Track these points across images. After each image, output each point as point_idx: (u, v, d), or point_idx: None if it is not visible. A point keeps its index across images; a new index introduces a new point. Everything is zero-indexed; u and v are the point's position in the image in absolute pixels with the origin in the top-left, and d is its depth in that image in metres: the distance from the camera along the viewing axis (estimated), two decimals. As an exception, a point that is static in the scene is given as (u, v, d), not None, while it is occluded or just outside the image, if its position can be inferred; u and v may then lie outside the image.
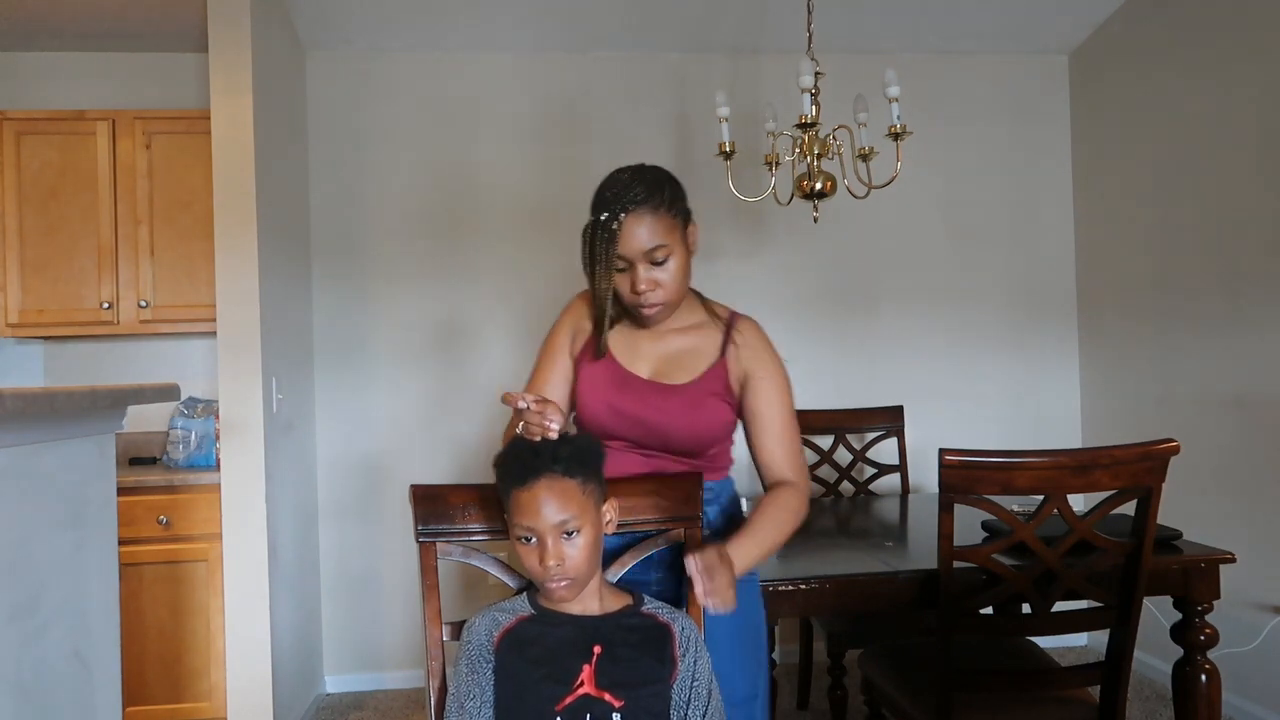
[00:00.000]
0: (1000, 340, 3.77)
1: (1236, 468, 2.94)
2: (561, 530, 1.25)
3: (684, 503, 1.48)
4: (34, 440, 1.43)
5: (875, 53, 3.63)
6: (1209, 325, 3.06)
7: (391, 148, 3.54)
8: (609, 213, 1.51)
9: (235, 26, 2.75)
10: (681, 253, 1.51)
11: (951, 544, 1.77)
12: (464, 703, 1.26)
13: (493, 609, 1.34)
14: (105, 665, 1.65)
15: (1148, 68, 3.34)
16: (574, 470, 1.27)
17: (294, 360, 3.18)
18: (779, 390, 1.55)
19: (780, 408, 1.55)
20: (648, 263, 1.49)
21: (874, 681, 2.26)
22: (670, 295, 1.51)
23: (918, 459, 3.39)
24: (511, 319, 3.57)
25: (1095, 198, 3.68)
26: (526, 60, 3.59)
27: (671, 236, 1.49)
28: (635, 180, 1.51)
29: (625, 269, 1.51)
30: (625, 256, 1.50)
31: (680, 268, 1.50)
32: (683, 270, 1.51)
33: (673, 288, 1.50)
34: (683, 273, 1.51)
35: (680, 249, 1.50)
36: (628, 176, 1.53)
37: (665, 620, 1.34)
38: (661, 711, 1.26)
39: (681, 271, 1.51)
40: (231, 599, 2.72)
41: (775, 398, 1.54)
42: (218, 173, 2.75)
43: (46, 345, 3.42)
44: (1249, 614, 2.87)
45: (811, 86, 2.50)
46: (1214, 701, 2.01)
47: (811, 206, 2.67)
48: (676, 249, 1.49)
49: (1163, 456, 1.73)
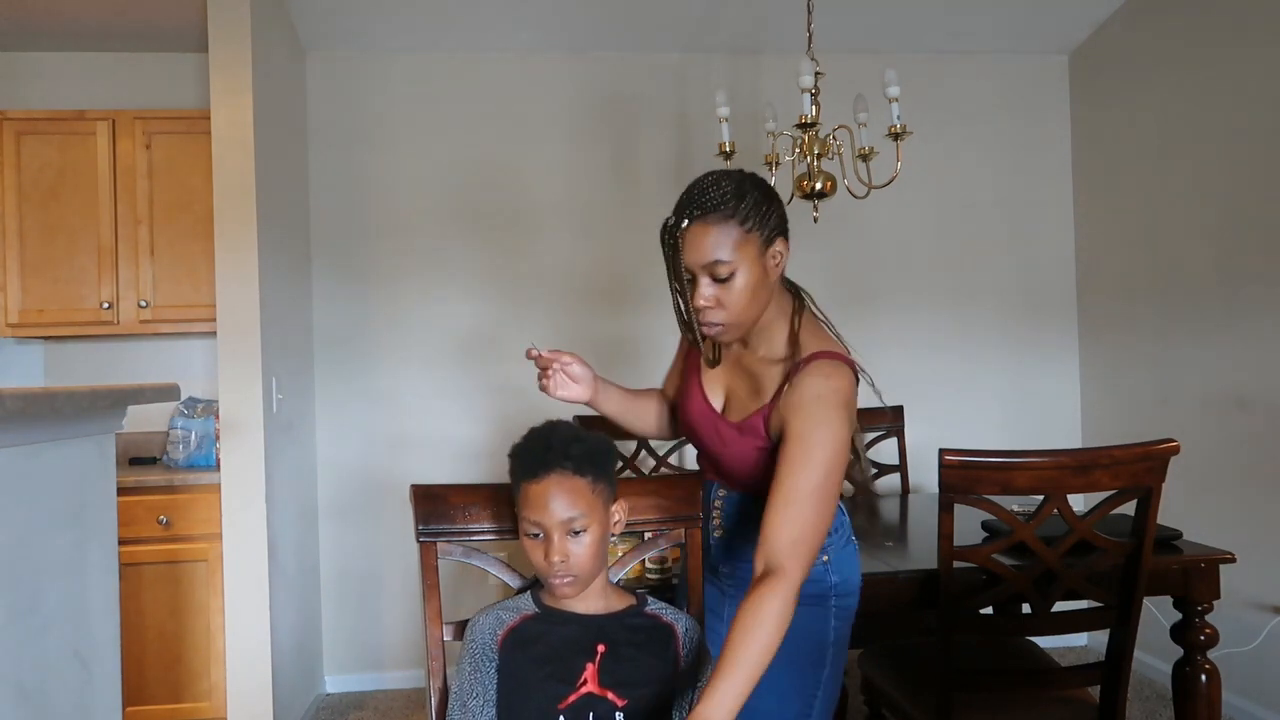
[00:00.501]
0: (1000, 340, 3.77)
1: (1236, 468, 2.94)
2: (569, 528, 1.25)
3: (684, 503, 1.49)
4: (34, 440, 1.43)
5: (875, 53, 3.63)
6: (1209, 325, 3.06)
7: (391, 148, 3.54)
8: (676, 217, 1.37)
9: (235, 26, 2.75)
10: (752, 271, 1.34)
11: (951, 544, 1.77)
12: (466, 701, 1.26)
13: (496, 607, 1.34)
14: (105, 665, 1.65)
15: (1148, 68, 3.34)
16: (585, 469, 1.27)
17: (294, 360, 3.18)
18: (801, 452, 1.30)
19: (792, 473, 1.29)
20: (709, 277, 1.35)
21: (874, 681, 2.26)
22: (733, 317, 1.37)
23: (918, 459, 3.39)
24: (513, 318, 3.56)
25: (1095, 198, 3.68)
26: (526, 60, 3.59)
27: (741, 252, 1.33)
28: (713, 185, 1.35)
29: (691, 279, 1.37)
30: (688, 267, 1.37)
31: (748, 288, 1.34)
32: (752, 291, 1.35)
33: (737, 309, 1.36)
34: (751, 294, 1.35)
35: (751, 267, 1.34)
36: (710, 179, 1.37)
37: (669, 620, 1.34)
38: (664, 711, 1.27)
39: (750, 292, 1.35)
40: (231, 599, 2.72)
41: (791, 459, 1.30)
42: (218, 173, 2.75)
43: (46, 345, 3.42)
44: (1249, 614, 2.86)
45: (811, 86, 2.50)
46: (1214, 701, 2.01)
47: (811, 206, 2.67)
48: (745, 266, 1.34)
49: (1163, 456, 1.73)
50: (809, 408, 1.32)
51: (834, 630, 1.46)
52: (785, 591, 1.22)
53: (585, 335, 3.56)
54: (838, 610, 1.45)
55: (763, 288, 1.37)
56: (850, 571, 1.48)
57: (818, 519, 1.29)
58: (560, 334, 3.55)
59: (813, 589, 1.42)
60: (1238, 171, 2.93)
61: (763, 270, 1.36)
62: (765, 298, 1.39)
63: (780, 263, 1.39)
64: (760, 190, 1.37)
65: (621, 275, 3.56)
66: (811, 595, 1.42)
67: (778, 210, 1.39)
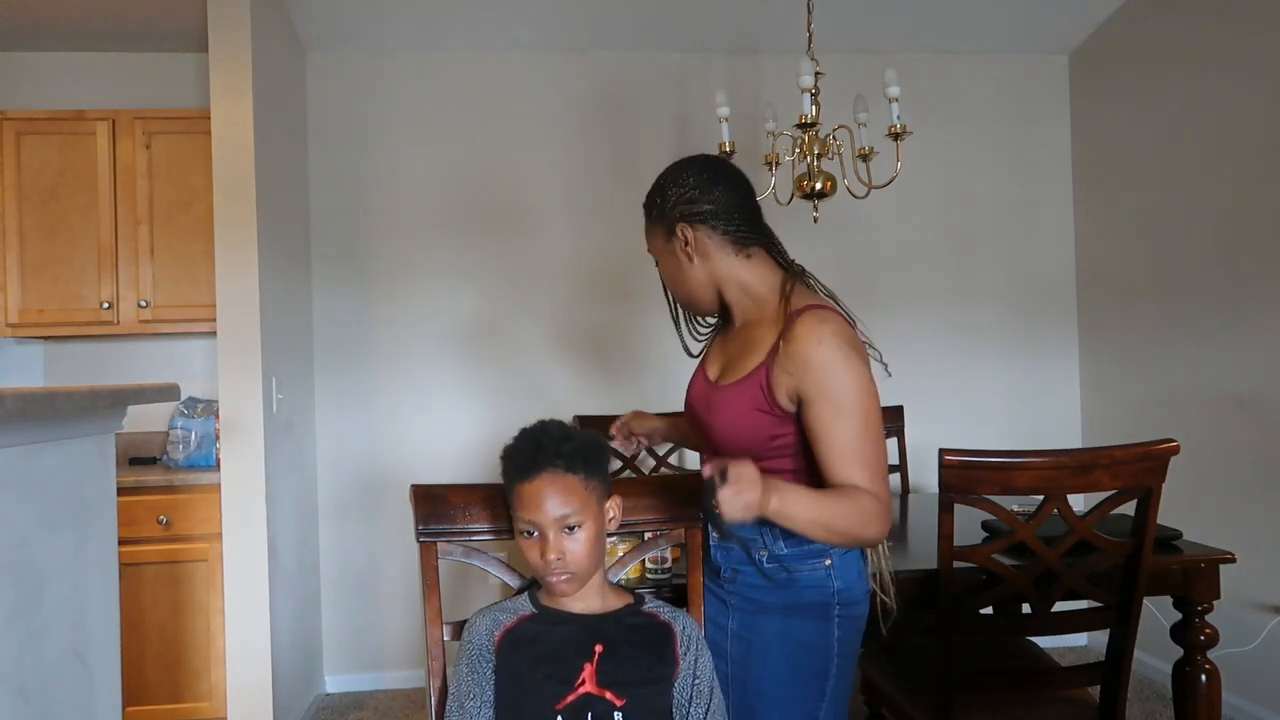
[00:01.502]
0: (1000, 340, 3.77)
1: (1236, 468, 2.94)
2: (563, 524, 1.25)
3: (684, 503, 1.48)
4: (34, 440, 1.43)
5: (875, 53, 3.63)
6: (1209, 325, 3.06)
7: (391, 147, 3.54)
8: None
9: (235, 26, 2.75)
10: (664, 258, 1.53)
11: (951, 544, 1.77)
12: (464, 702, 1.26)
13: (494, 608, 1.34)
14: (105, 665, 1.65)
15: (1148, 68, 3.34)
16: (576, 466, 1.27)
17: (294, 360, 3.18)
18: (831, 409, 1.32)
19: (829, 431, 1.33)
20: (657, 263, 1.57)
21: (874, 681, 2.26)
22: (677, 292, 1.55)
23: (918, 459, 3.39)
24: (513, 318, 3.57)
25: (1095, 198, 3.68)
26: (526, 60, 3.59)
27: (651, 241, 1.55)
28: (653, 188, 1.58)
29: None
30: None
31: (669, 272, 1.53)
32: (671, 274, 1.53)
33: (674, 287, 1.55)
34: (672, 276, 1.53)
35: (663, 254, 1.53)
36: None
37: (666, 619, 1.34)
38: (663, 710, 1.26)
39: (670, 275, 1.53)
40: (231, 599, 2.72)
41: (823, 418, 1.33)
42: (218, 173, 2.75)
43: (46, 345, 3.42)
44: (1249, 614, 2.87)
45: (811, 86, 2.50)
46: (1214, 701, 2.01)
47: (811, 206, 2.67)
48: (658, 253, 1.54)
49: (1163, 456, 1.73)
50: (816, 361, 1.34)
51: (839, 641, 1.42)
52: (877, 502, 1.31)
53: (585, 334, 3.56)
54: (841, 620, 1.42)
55: (679, 269, 1.51)
56: (854, 579, 1.44)
57: (876, 460, 1.34)
58: (559, 333, 3.56)
59: (814, 597, 1.40)
60: (1238, 171, 2.93)
61: (672, 256, 1.51)
62: (691, 277, 1.50)
63: (692, 244, 1.47)
64: (660, 186, 1.53)
65: (621, 275, 3.56)
66: (814, 605, 1.41)
67: (677, 197, 1.49)
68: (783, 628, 1.41)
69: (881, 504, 1.32)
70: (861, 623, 1.46)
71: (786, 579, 1.41)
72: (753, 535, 1.42)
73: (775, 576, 1.41)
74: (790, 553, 1.40)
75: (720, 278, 1.50)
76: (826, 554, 1.40)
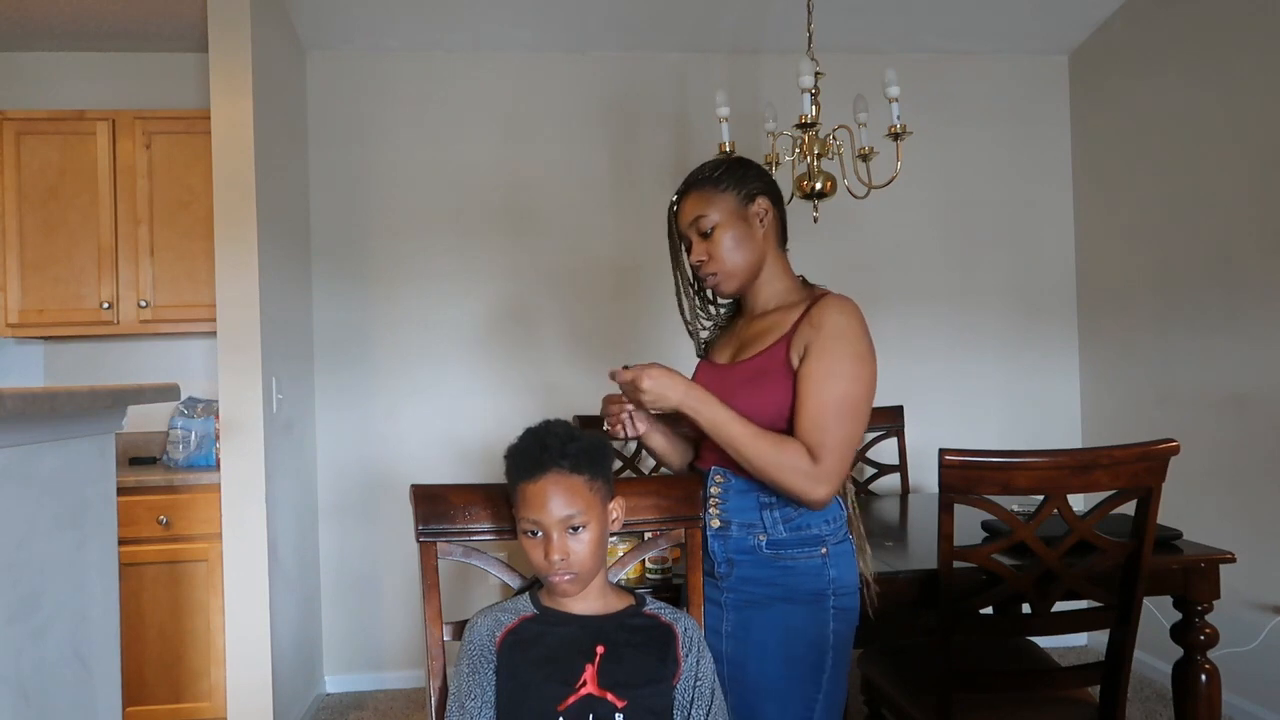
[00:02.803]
0: (1000, 340, 3.77)
1: (1236, 468, 2.95)
2: (567, 525, 1.25)
3: (684, 503, 1.49)
4: (34, 440, 1.43)
5: (875, 53, 3.63)
6: (1209, 325, 3.06)
7: (391, 147, 3.54)
8: (673, 199, 1.60)
9: (235, 26, 2.75)
10: (733, 222, 1.52)
11: (951, 544, 1.77)
12: (464, 702, 1.26)
13: (495, 609, 1.34)
14: (105, 665, 1.65)
15: (1148, 68, 3.34)
16: (581, 467, 1.27)
17: (294, 360, 3.18)
18: (825, 372, 1.40)
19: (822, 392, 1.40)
20: (698, 235, 1.54)
21: (874, 681, 2.26)
22: (725, 266, 1.53)
23: (918, 459, 3.39)
24: (512, 319, 3.57)
25: (1095, 198, 3.68)
26: (526, 60, 3.59)
27: (719, 206, 1.52)
28: (699, 168, 1.58)
29: (689, 246, 1.57)
30: (683, 233, 1.58)
31: (732, 237, 1.52)
32: (735, 240, 1.52)
33: (725, 259, 1.52)
34: (735, 243, 1.52)
35: (731, 219, 1.52)
36: (700, 166, 1.59)
37: (668, 621, 1.34)
38: (664, 711, 1.26)
39: (734, 242, 1.52)
40: (231, 599, 2.72)
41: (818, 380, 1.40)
42: (218, 173, 2.75)
43: (46, 345, 3.42)
44: (1249, 614, 2.87)
45: (811, 86, 2.50)
46: (1214, 701, 2.01)
47: (811, 206, 2.67)
48: (725, 218, 1.52)
49: (1163, 456, 1.73)
50: (834, 330, 1.43)
51: (834, 633, 1.45)
52: (810, 464, 1.38)
53: (585, 334, 3.56)
54: (836, 611, 1.46)
55: (748, 238, 1.53)
56: (847, 569, 1.49)
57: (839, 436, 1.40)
58: (560, 333, 3.56)
59: (811, 585, 1.44)
60: (1237, 171, 2.93)
61: (744, 222, 1.53)
62: (753, 249, 1.54)
63: (766, 218, 1.54)
64: (740, 162, 1.57)
65: (621, 274, 3.56)
66: (810, 593, 1.44)
67: (758, 174, 1.56)
68: (779, 618, 1.44)
69: (817, 469, 1.38)
70: (854, 615, 1.49)
71: (784, 567, 1.44)
72: (753, 520, 1.46)
73: (773, 563, 1.45)
74: (789, 537, 1.45)
75: (768, 259, 1.57)
76: (822, 542, 1.46)
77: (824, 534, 1.46)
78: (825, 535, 1.46)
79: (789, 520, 1.45)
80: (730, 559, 1.48)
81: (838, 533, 1.49)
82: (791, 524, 1.45)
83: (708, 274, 1.55)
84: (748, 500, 1.47)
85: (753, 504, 1.47)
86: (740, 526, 1.47)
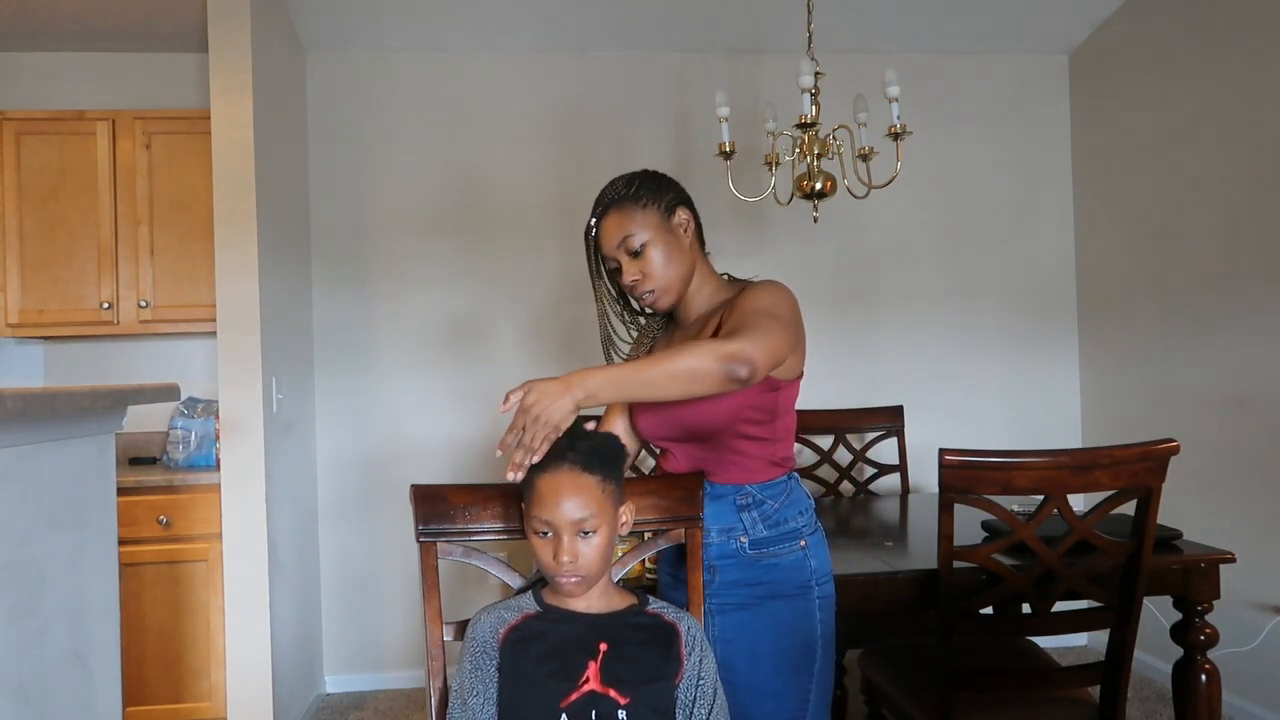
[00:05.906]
0: (1000, 340, 3.77)
1: (1236, 468, 2.95)
2: (579, 528, 1.25)
3: (683, 502, 1.49)
4: (34, 440, 1.43)
5: (875, 53, 3.63)
6: (1209, 325, 3.06)
7: (391, 148, 3.54)
8: (590, 222, 1.56)
9: (235, 26, 2.75)
10: (662, 239, 1.50)
11: (951, 544, 1.77)
12: (467, 699, 1.26)
13: (498, 606, 1.34)
14: (105, 665, 1.65)
15: (1148, 68, 3.34)
16: (593, 466, 1.27)
17: (294, 360, 3.18)
18: (748, 303, 1.41)
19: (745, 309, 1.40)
20: (628, 255, 1.50)
21: (874, 681, 2.26)
22: (660, 282, 1.50)
23: (918, 459, 3.39)
24: (512, 318, 3.57)
25: (1095, 198, 3.68)
26: (526, 60, 3.59)
27: (643, 224, 1.49)
28: (612, 186, 1.54)
29: (617, 268, 1.54)
30: (608, 255, 1.54)
31: (664, 253, 1.50)
32: (667, 255, 1.50)
33: (660, 275, 1.50)
34: (667, 258, 1.50)
35: (660, 235, 1.49)
36: (609, 184, 1.55)
37: (671, 619, 1.34)
38: (667, 710, 1.26)
39: (665, 257, 1.50)
40: (231, 599, 2.72)
41: (741, 307, 1.42)
42: (218, 173, 2.75)
43: (46, 345, 3.42)
44: (1249, 614, 2.87)
45: (811, 86, 2.50)
46: (1214, 701, 2.01)
47: (811, 206, 2.67)
48: (653, 235, 1.49)
49: (1163, 456, 1.73)
50: (756, 287, 1.47)
51: (820, 623, 1.49)
52: (726, 341, 1.29)
53: (585, 334, 3.55)
54: (821, 601, 1.49)
55: (677, 250, 1.51)
56: (824, 558, 1.52)
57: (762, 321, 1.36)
58: (560, 333, 3.55)
59: (795, 577, 1.47)
60: (1238, 171, 2.93)
61: (670, 235, 1.51)
62: (683, 260, 1.52)
63: (689, 228, 1.53)
64: (650, 175, 1.55)
65: (621, 275, 3.55)
66: (796, 585, 1.47)
67: (670, 184, 1.55)
68: (767, 617, 1.45)
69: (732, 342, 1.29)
70: (833, 602, 1.52)
71: (768, 565, 1.46)
72: (732, 523, 1.48)
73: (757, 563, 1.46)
74: (769, 535, 1.47)
75: (695, 266, 1.56)
76: (800, 535, 1.48)
77: (800, 526, 1.49)
78: (801, 527, 1.49)
79: (768, 518, 1.47)
80: (712, 565, 1.49)
81: (811, 523, 1.52)
82: (770, 521, 1.47)
83: (644, 292, 1.51)
84: (723, 505, 1.48)
85: (729, 508, 1.48)
86: (720, 532, 1.48)
